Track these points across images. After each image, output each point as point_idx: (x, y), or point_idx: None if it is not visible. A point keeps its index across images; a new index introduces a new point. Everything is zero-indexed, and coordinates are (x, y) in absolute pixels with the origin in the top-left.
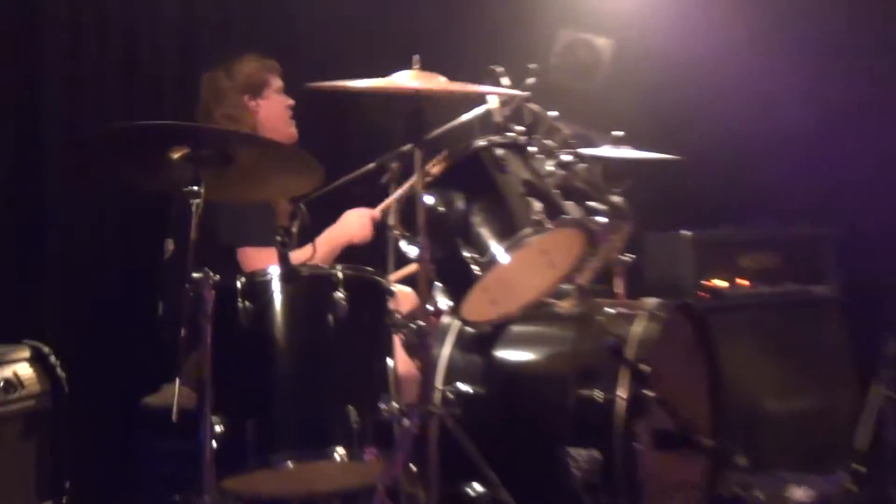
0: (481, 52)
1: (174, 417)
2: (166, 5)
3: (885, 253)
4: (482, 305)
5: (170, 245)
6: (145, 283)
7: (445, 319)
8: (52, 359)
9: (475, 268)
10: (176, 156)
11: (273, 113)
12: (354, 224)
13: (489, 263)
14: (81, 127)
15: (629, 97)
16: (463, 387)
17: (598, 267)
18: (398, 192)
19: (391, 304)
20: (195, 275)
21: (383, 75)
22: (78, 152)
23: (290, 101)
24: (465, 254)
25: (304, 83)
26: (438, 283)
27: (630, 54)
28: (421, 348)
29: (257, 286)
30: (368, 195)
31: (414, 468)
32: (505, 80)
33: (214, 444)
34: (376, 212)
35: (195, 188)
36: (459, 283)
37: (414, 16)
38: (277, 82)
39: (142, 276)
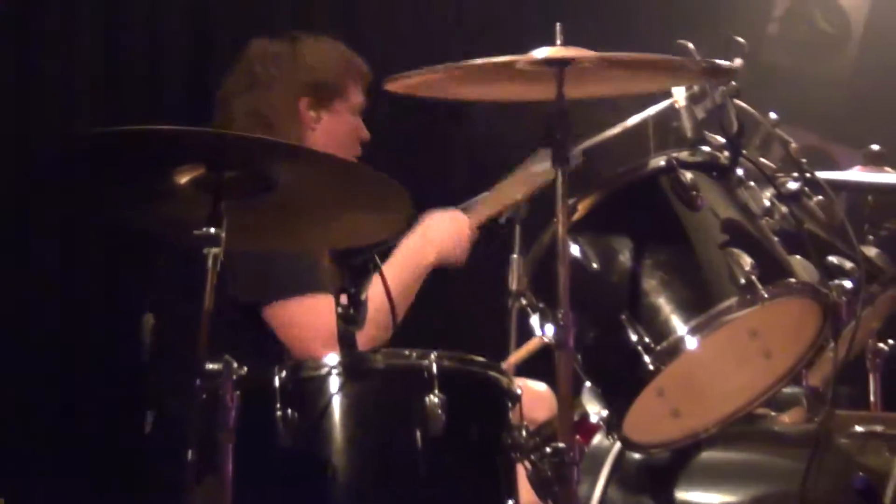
0: (655, 26)
1: None
2: None
3: None
4: (656, 418)
5: (148, 322)
6: (123, 383)
7: (598, 439)
8: None
9: (647, 359)
10: (184, 179)
11: (335, 137)
12: (444, 232)
13: (670, 352)
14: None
15: (892, 89)
16: None
17: (841, 359)
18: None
19: (514, 415)
20: (210, 366)
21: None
22: (34, 172)
23: (366, 134)
24: (632, 336)
25: (379, 79)
26: (589, 383)
27: (893, 21)
28: (560, 484)
29: (306, 384)
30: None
31: None
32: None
33: None
34: (474, 219)
35: (212, 230)
36: (621, 383)
37: None
38: (358, 97)
39: (118, 370)
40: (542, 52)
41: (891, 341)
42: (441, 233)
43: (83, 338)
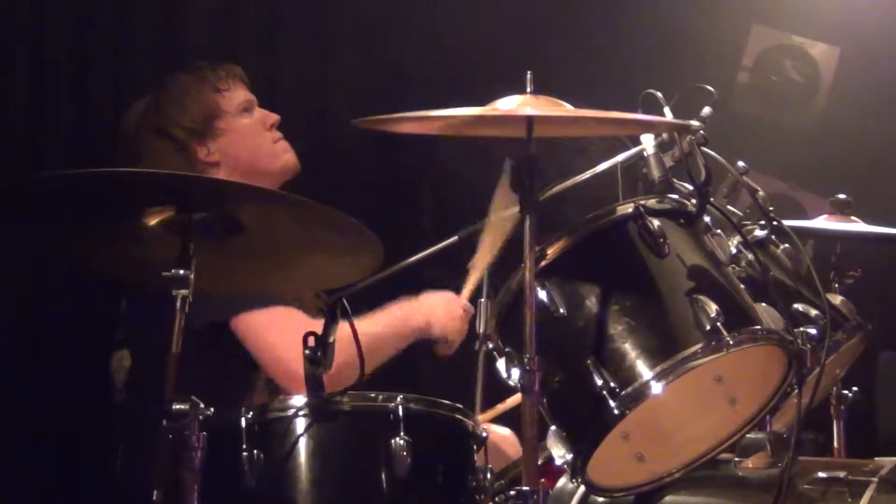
0: (626, 72)
1: None
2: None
3: None
4: (621, 462)
5: (125, 361)
6: (89, 423)
7: (563, 483)
8: None
9: (612, 403)
10: (153, 221)
11: (242, 149)
12: (440, 308)
13: (635, 397)
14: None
15: (859, 139)
16: None
17: (805, 405)
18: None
19: (479, 458)
20: (177, 406)
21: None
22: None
23: (272, 117)
24: (598, 381)
25: (349, 118)
26: (554, 427)
27: (861, 71)
28: None
29: (272, 425)
30: (449, 284)
31: None
32: (667, 111)
33: None
34: (467, 304)
35: (181, 272)
36: (586, 427)
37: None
38: (234, 100)
39: (83, 411)
40: (510, 102)
41: (855, 388)
42: (435, 304)
43: (53, 374)
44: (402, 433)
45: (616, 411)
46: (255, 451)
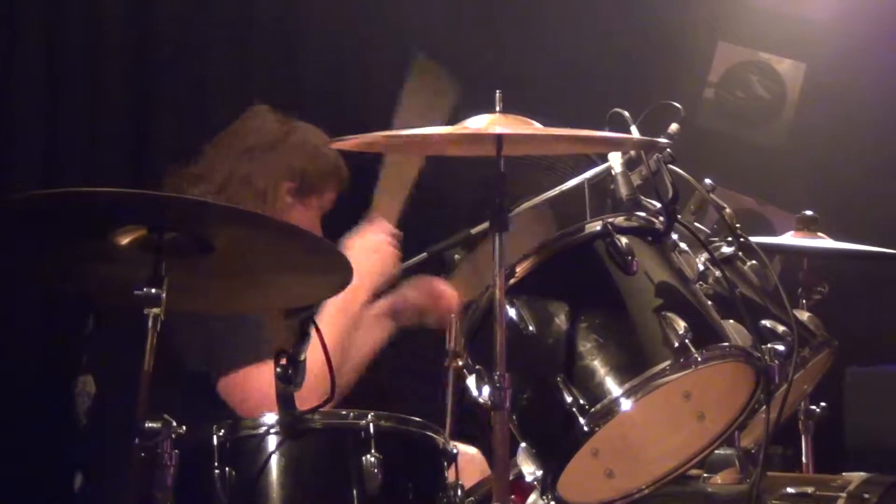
0: (593, 88)
1: None
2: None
3: None
4: (591, 478)
5: (88, 385)
6: (50, 444)
7: (533, 499)
8: None
9: (582, 420)
10: (125, 240)
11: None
12: (375, 266)
13: (604, 414)
14: None
15: (826, 155)
16: None
17: (773, 421)
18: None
19: (450, 475)
20: (149, 425)
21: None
22: None
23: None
24: (567, 398)
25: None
26: (524, 444)
27: (827, 86)
28: None
29: (244, 443)
30: None
31: None
32: (633, 130)
33: None
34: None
35: (153, 291)
36: (556, 444)
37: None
38: (331, 198)
39: (49, 431)
40: (479, 121)
41: (822, 404)
42: (365, 264)
43: (14, 399)
44: (373, 450)
45: (585, 428)
46: (227, 469)
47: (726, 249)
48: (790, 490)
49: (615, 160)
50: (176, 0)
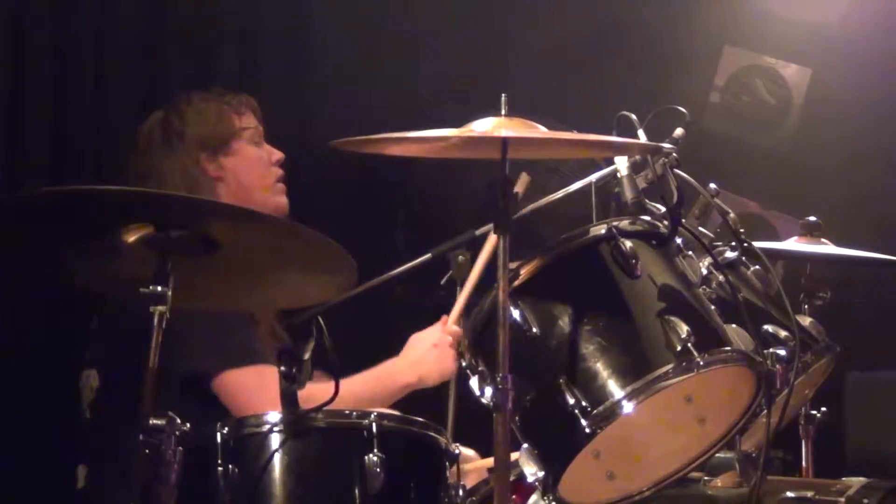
0: (600, 92)
1: None
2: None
3: None
4: (592, 480)
5: (92, 380)
6: (54, 437)
7: (534, 500)
8: None
9: (584, 422)
10: (132, 238)
11: (245, 174)
12: (430, 358)
13: (606, 416)
14: None
15: (832, 161)
16: None
17: (774, 425)
18: (465, 299)
19: (451, 475)
20: (154, 421)
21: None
22: None
23: (277, 154)
24: (569, 400)
25: (326, 140)
26: (526, 445)
27: (833, 92)
28: None
29: (248, 441)
30: (419, 303)
31: None
32: (641, 134)
33: None
34: (456, 332)
35: (159, 289)
36: (558, 446)
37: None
38: (249, 126)
39: (54, 425)
40: (485, 124)
41: (823, 409)
42: (423, 358)
43: (19, 391)
44: (375, 450)
45: (587, 430)
46: (231, 467)
47: (730, 254)
48: (790, 494)
49: (621, 163)
50: (185, 1)
